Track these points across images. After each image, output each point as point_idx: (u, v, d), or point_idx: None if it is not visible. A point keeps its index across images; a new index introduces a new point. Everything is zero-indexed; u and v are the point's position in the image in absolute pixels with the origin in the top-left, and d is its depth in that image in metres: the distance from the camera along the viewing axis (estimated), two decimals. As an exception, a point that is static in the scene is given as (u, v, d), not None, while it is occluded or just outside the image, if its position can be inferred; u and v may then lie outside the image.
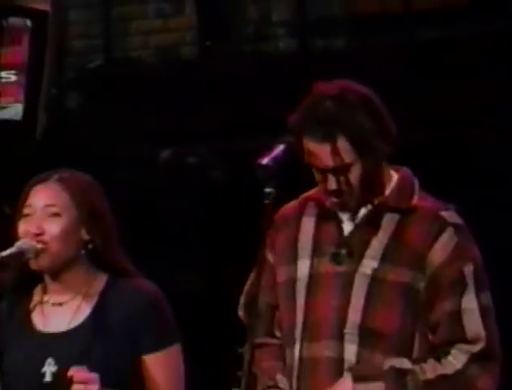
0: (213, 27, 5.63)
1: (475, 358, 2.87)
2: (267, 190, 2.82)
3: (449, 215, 2.94)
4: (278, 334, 3.05)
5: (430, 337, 2.91)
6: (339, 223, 2.98)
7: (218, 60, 5.50)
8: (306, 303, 2.96)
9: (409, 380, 2.88)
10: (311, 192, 3.02)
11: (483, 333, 2.88)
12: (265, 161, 2.83)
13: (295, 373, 2.96)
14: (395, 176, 2.99)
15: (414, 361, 2.90)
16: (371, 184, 2.95)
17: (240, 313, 3.08)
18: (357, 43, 5.34)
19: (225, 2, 5.65)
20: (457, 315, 2.88)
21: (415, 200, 2.97)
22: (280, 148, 2.88)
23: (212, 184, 5.22)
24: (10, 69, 5.17)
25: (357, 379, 2.89)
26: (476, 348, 2.87)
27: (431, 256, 2.89)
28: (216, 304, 3.22)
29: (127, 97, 5.42)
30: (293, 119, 2.93)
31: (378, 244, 2.93)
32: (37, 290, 3.23)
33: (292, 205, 3.04)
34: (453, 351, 2.89)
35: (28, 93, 5.13)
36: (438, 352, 2.90)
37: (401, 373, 2.88)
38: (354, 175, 2.93)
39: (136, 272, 3.21)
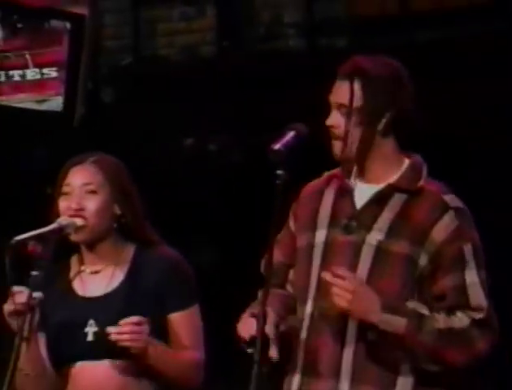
0: (230, 28, 5.64)
1: (476, 323, 2.86)
2: (279, 172, 2.80)
3: (452, 199, 2.92)
4: (289, 289, 3.04)
5: (435, 305, 2.88)
6: (353, 198, 2.96)
7: (234, 58, 5.52)
8: (321, 266, 2.94)
9: (425, 324, 2.85)
10: (335, 170, 3.01)
11: (484, 304, 2.87)
12: (277, 146, 2.82)
13: (306, 325, 2.94)
14: (406, 161, 2.96)
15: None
16: (366, 143, 2.93)
17: (262, 270, 3.05)
18: (358, 42, 5.30)
19: (241, 6, 5.64)
20: (461, 288, 2.88)
21: (422, 182, 2.93)
22: (290, 134, 2.86)
23: (230, 167, 5.22)
24: (52, 66, 5.16)
25: (385, 308, 2.85)
26: (478, 315, 2.86)
27: (433, 234, 2.88)
28: (231, 274, 3.24)
29: (154, 91, 5.41)
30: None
31: (385, 219, 2.91)
32: (74, 260, 3.24)
33: (316, 181, 3.02)
34: (458, 314, 2.86)
35: (67, 87, 5.12)
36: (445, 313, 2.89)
37: (420, 316, 2.86)
38: (353, 121, 2.91)
39: (161, 241, 3.22)
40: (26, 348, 3.03)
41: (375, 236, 2.90)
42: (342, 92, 2.90)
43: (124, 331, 3.00)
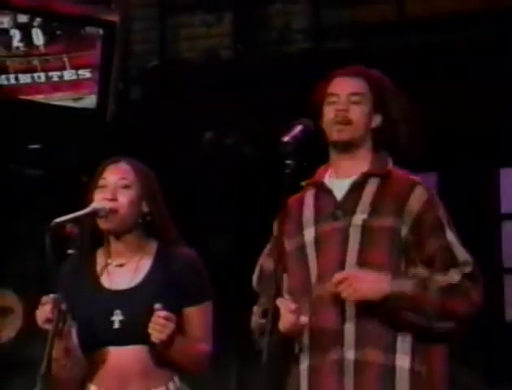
0: (245, 33, 5.66)
1: (467, 277, 2.85)
2: (288, 162, 2.81)
3: (417, 178, 2.97)
4: (287, 297, 2.97)
5: (429, 271, 2.88)
6: (332, 193, 2.98)
7: (249, 60, 5.55)
8: (316, 257, 2.94)
9: (430, 283, 2.84)
10: (309, 180, 3.02)
11: (469, 258, 2.88)
12: (286, 138, 2.83)
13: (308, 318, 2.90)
14: (373, 153, 3.00)
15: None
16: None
17: (254, 285, 3.07)
18: (360, 45, 5.31)
19: (255, 14, 5.65)
20: (447, 248, 2.88)
21: (390, 167, 2.98)
22: (298, 128, 2.86)
23: (243, 159, 5.23)
24: (87, 68, 5.16)
25: (392, 277, 2.85)
26: (467, 269, 2.86)
27: (408, 207, 2.89)
28: (243, 260, 3.28)
29: (177, 90, 5.42)
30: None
31: (365, 201, 2.93)
32: (100, 254, 3.23)
33: (296, 195, 3.01)
34: (451, 270, 2.86)
35: (100, 87, 5.13)
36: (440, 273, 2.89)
37: (423, 278, 2.86)
38: (359, 111, 2.95)
39: (181, 240, 3.22)
40: (59, 342, 3.00)
41: (359, 217, 2.91)
42: (356, 84, 2.96)
43: (157, 322, 3.01)
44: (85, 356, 3.17)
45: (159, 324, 3.02)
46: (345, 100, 2.95)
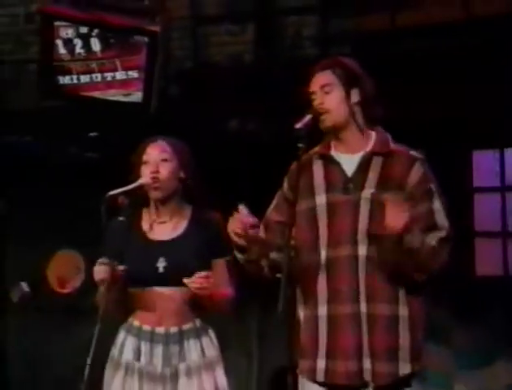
0: (265, 41, 5.60)
1: (441, 240, 2.87)
2: (300, 145, 2.86)
3: (416, 154, 2.96)
4: (292, 243, 2.92)
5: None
6: (340, 167, 2.95)
7: (268, 63, 5.51)
8: (328, 223, 2.92)
9: (425, 242, 2.82)
10: (313, 150, 3.01)
11: (446, 224, 2.90)
12: (298, 125, 2.86)
13: (324, 266, 2.90)
14: (373, 133, 2.99)
15: None
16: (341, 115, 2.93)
17: (261, 233, 3.03)
18: (360, 50, 5.22)
19: (272, 24, 5.60)
20: (431, 213, 2.89)
21: (391, 146, 2.97)
22: (308, 117, 2.90)
23: (262, 144, 5.26)
24: (134, 69, 5.16)
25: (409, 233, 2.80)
26: (442, 234, 2.87)
27: (408, 179, 2.90)
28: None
29: (208, 88, 5.42)
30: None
31: (372, 178, 2.92)
32: (146, 213, 3.30)
33: (301, 161, 2.94)
34: (430, 235, 2.86)
35: (145, 85, 5.13)
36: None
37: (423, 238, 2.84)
38: (333, 99, 2.92)
39: (211, 205, 3.27)
40: (111, 292, 3.09)
41: (368, 192, 2.90)
42: (323, 77, 2.94)
43: (197, 281, 3.07)
44: (131, 295, 3.21)
45: (198, 282, 3.07)
46: (320, 94, 2.94)
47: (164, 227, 3.24)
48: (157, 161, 3.22)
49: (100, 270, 3.12)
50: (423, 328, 2.92)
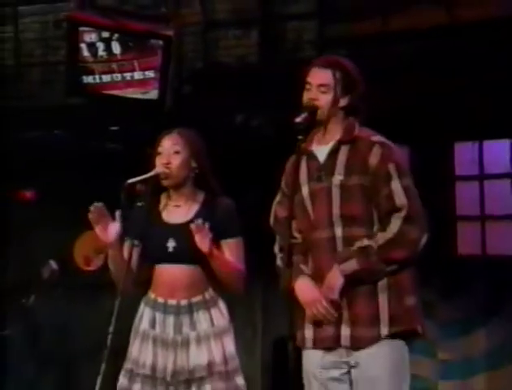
0: (268, 44, 5.59)
1: (403, 220, 2.76)
2: (299, 137, 2.83)
3: (376, 138, 2.87)
4: (297, 235, 2.94)
5: (377, 213, 2.83)
6: (317, 158, 2.92)
7: (271, 64, 5.52)
8: (312, 209, 2.89)
9: (369, 251, 2.77)
10: (303, 147, 2.93)
11: (405, 202, 2.78)
12: (298, 120, 2.81)
13: (316, 244, 2.88)
14: (343, 124, 2.92)
15: (370, 238, 2.79)
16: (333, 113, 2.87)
17: (272, 224, 3.01)
18: (354, 53, 5.09)
19: (275, 29, 5.59)
20: (390, 195, 2.80)
21: (356, 133, 2.89)
22: (305, 114, 2.83)
23: (265, 136, 5.26)
24: (151, 70, 5.17)
25: (340, 261, 2.79)
26: (403, 213, 2.77)
27: (369, 162, 2.83)
28: (266, 210, 3.28)
29: (217, 86, 5.42)
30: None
31: (340, 164, 2.86)
32: (163, 197, 3.23)
33: (292, 159, 2.96)
34: (392, 219, 2.79)
35: (160, 84, 5.14)
36: (383, 223, 2.81)
37: (364, 248, 2.78)
38: (326, 99, 2.85)
39: (222, 191, 3.21)
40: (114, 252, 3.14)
41: (337, 178, 2.86)
42: (324, 76, 2.85)
43: (197, 229, 3.05)
44: (149, 271, 3.22)
45: (201, 230, 3.03)
46: (315, 90, 2.87)
47: (178, 211, 3.22)
48: (169, 153, 3.19)
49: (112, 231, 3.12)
50: (411, 295, 2.83)
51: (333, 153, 2.90)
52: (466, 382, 5.52)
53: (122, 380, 3.15)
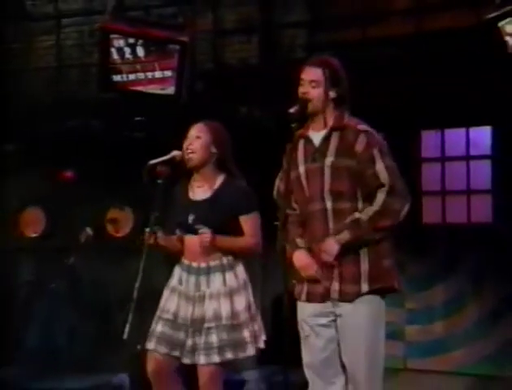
0: (267, 48, 5.54)
1: (387, 194, 2.74)
2: (293, 125, 2.80)
3: (362, 127, 2.83)
4: (295, 206, 2.91)
5: (365, 189, 2.79)
6: (312, 142, 2.88)
7: (270, 65, 5.46)
8: (307, 185, 2.86)
9: (360, 222, 2.75)
10: (298, 132, 2.90)
11: (388, 179, 2.75)
12: (291, 110, 2.80)
13: (311, 215, 2.85)
14: (335, 113, 2.88)
15: (357, 211, 2.77)
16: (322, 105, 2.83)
17: (274, 196, 2.98)
18: (339, 57, 5.23)
19: (272, 35, 5.52)
20: (375, 175, 2.77)
21: (346, 121, 2.85)
22: (298, 106, 2.82)
23: (264, 125, 5.19)
24: (169, 70, 5.11)
25: (335, 233, 2.76)
26: (386, 188, 2.75)
27: (356, 148, 2.79)
28: (267, 187, 3.22)
29: (224, 84, 5.38)
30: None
31: (332, 148, 2.84)
32: (191, 178, 3.20)
33: (294, 142, 2.90)
34: (377, 194, 2.77)
35: (177, 81, 5.08)
36: (371, 198, 2.78)
37: (355, 220, 2.76)
38: (316, 93, 2.82)
39: (240, 174, 3.16)
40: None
41: (329, 160, 2.83)
42: (314, 73, 2.83)
43: (200, 237, 3.04)
44: (179, 240, 3.20)
45: (200, 238, 3.06)
46: (307, 85, 2.83)
47: (200, 189, 3.17)
48: (192, 138, 3.15)
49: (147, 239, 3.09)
50: (388, 258, 2.80)
51: (326, 139, 2.86)
52: (427, 326, 5.55)
53: (152, 325, 3.16)
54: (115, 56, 5.18)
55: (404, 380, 5.11)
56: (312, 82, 2.83)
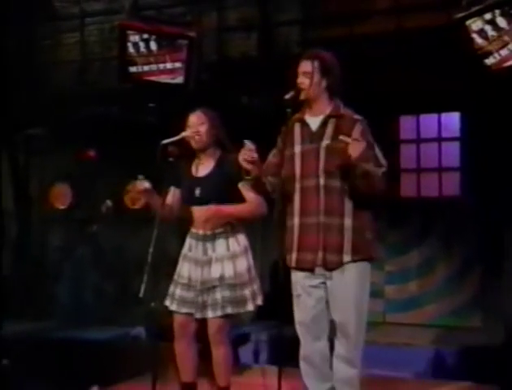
0: (265, 44, 5.43)
1: (383, 173, 2.76)
2: (288, 110, 2.77)
3: (357, 116, 2.82)
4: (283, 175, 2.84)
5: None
6: (309, 126, 2.85)
7: (268, 58, 5.34)
8: (301, 163, 2.83)
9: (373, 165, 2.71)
10: (295, 116, 2.87)
11: (385, 162, 2.79)
12: (287, 96, 2.77)
13: (298, 193, 2.81)
14: (332, 103, 2.86)
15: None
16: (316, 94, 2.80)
17: (264, 167, 2.89)
18: (329, 51, 5.11)
19: (270, 32, 5.43)
20: (376, 156, 2.78)
21: (342, 111, 2.83)
22: (293, 92, 2.79)
23: (263, 110, 5.08)
24: (178, 62, 5.05)
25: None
26: (382, 169, 2.77)
27: (352, 135, 2.72)
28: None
29: (228, 75, 5.30)
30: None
31: (328, 132, 2.82)
32: (196, 158, 3.21)
33: (288, 123, 2.85)
34: (378, 169, 2.75)
35: (186, 72, 5.02)
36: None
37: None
38: (308, 82, 2.79)
39: (234, 149, 3.03)
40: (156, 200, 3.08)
41: (325, 142, 2.81)
42: (306, 66, 2.83)
43: (243, 154, 2.85)
44: (186, 210, 3.20)
45: (244, 155, 2.84)
46: (302, 76, 2.82)
47: (203, 167, 3.20)
48: (197, 125, 3.17)
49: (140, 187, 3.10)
50: (370, 231, 2.78)
51: (324, 124, 2.84)
52: (403, 286, 5.60)
53: (170, 288, 3.22)
54: (131, 50, 5.14)
55: (383, 332, 5.15)
56: (305, 73, 2.82)
